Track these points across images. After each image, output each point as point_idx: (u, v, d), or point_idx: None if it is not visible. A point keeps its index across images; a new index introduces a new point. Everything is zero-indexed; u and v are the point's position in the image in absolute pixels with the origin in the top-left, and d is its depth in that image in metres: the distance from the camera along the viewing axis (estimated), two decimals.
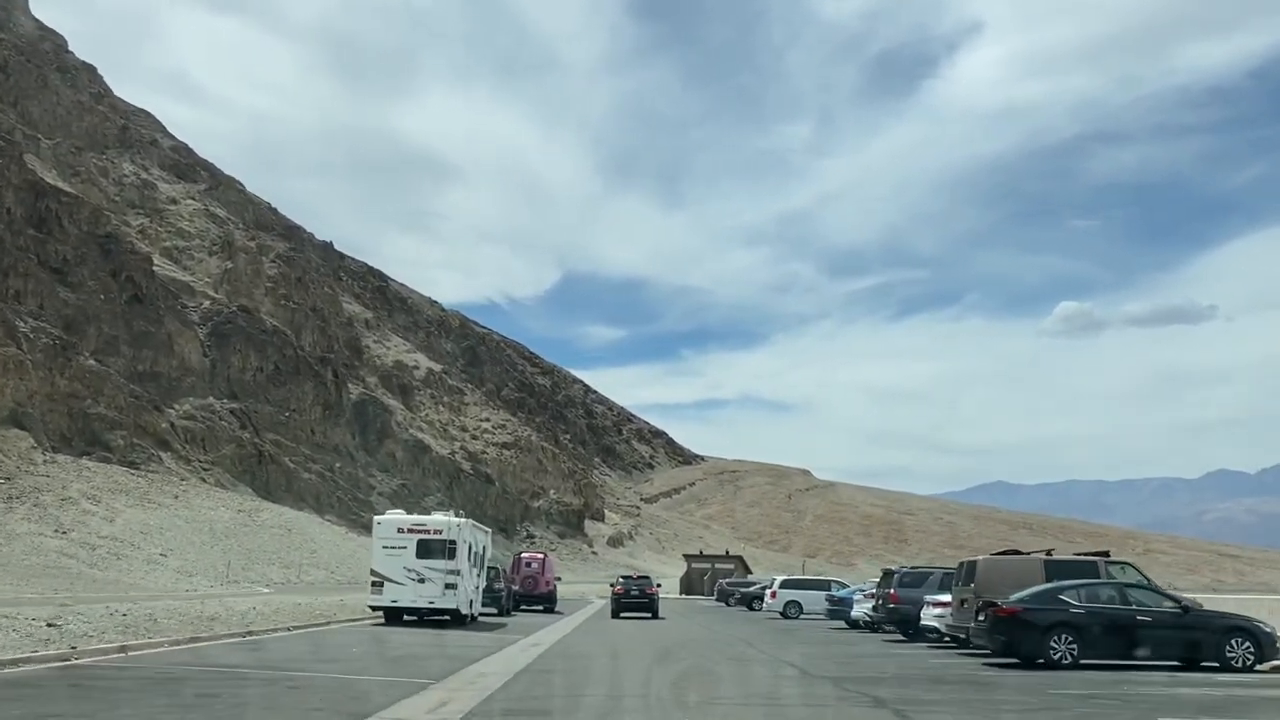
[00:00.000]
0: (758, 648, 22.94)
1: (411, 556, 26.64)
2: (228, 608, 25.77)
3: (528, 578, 38.68)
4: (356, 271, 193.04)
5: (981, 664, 18.69)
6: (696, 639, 26.78)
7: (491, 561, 39.01)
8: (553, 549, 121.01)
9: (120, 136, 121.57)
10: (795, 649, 22.52)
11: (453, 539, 26.91)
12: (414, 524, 27.77)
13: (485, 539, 33.06)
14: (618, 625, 31.80)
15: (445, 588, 26.46)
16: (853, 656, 21.05)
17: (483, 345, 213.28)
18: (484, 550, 32.06)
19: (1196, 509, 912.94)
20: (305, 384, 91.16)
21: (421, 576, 26.46)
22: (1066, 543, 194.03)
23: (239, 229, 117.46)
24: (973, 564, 22.61)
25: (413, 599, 26.63)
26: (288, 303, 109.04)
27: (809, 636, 28.24)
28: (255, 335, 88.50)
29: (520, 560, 40.71)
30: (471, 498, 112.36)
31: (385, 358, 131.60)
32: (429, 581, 26.44)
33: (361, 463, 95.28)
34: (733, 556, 71.58)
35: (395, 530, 27.34)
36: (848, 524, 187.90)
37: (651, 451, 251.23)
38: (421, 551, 26.69)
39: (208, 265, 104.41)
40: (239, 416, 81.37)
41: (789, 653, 21.32)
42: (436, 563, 26.55)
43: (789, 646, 23.23)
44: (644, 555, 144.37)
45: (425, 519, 28.87)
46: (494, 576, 34.35)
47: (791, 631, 31.34)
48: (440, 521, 27.90)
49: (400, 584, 26.54)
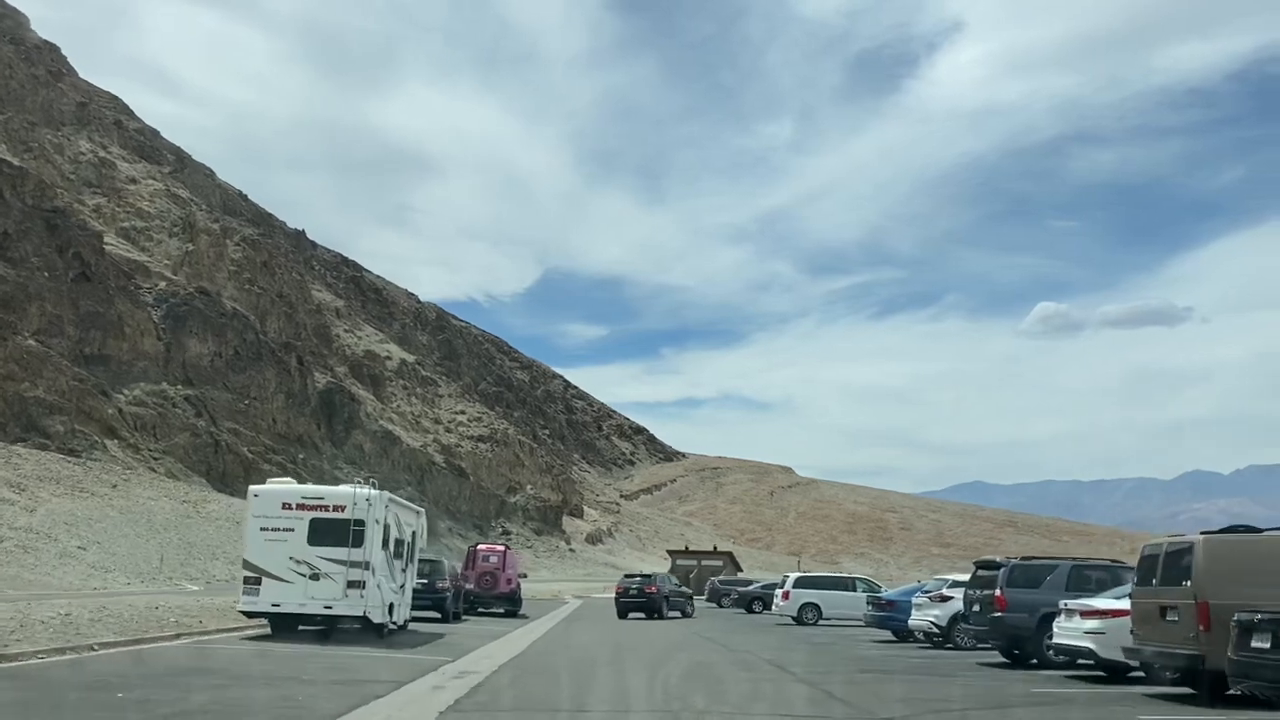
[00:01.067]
0: (814, 683, 15.01)
1: (301, 543, 19.50)
2: (78, 610, 19.59)
3: (485, 575, 32.75)
4: (330, 261, 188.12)
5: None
6: (707, 661, 19.02)
7: (434, 553, 33.66)
8: (529, 546, 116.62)
9: (78, 114, 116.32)
10: (867, 685, 15.05)
11: (360, 519, 19.67)
12: (306, 497, 20.41)
13: (417, 522, 25.01)
14: (593, 636, 25.88)
15: (349, 586, 19.32)
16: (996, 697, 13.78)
17: (460, 339, 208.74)
18: (414, 537, 24.13)
19: (1171, 510, 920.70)
20: (267, 371, 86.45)
21: (315, 571, 19.34)
22: (1052, 541, 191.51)
23: (202, 211, 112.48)
24: (1184, 549, 13.50)
25: (301, 602, 19.39)
26: (252, 287, 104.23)
27: (865, 658, 20.44)
28: (214, 319, 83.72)
29: (475, 554, 34.85)
30: (444, 492, 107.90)
31: (356, 347, 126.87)
32: (325, 578, 19.32)
33: (327, 454, 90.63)
34: (721, 552, 66.27)
35: (279, 505, 20.00)
36: (831, 521, 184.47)
37: (632, 448, 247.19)
38: (316, 536, 19.60)
39: (167, 246, 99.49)
40: (194, 404, 76.63)
41: (864, 694, 13.70)
42: (336, 551, 19.41)
43: (860, 682, 15.34)
44: (624, 553, 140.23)
45: (322, 491, 21.33)
46: (436, 572, 28.14)
47: (828, 648, 23.30)
48: (343, 495, 20.46)
49: (284, 581, 19.37)
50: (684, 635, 27.40)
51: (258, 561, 19.57)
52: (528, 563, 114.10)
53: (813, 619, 33.29)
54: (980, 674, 17.06)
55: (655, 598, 36.04)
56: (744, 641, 25.37)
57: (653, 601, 35.84)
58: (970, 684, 15.35)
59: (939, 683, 15.88)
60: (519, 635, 24.86)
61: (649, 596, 35.92)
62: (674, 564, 62.45)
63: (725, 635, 27.95)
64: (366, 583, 19.48)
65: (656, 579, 39.48)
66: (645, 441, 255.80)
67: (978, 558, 27.89)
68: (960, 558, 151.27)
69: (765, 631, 30.45)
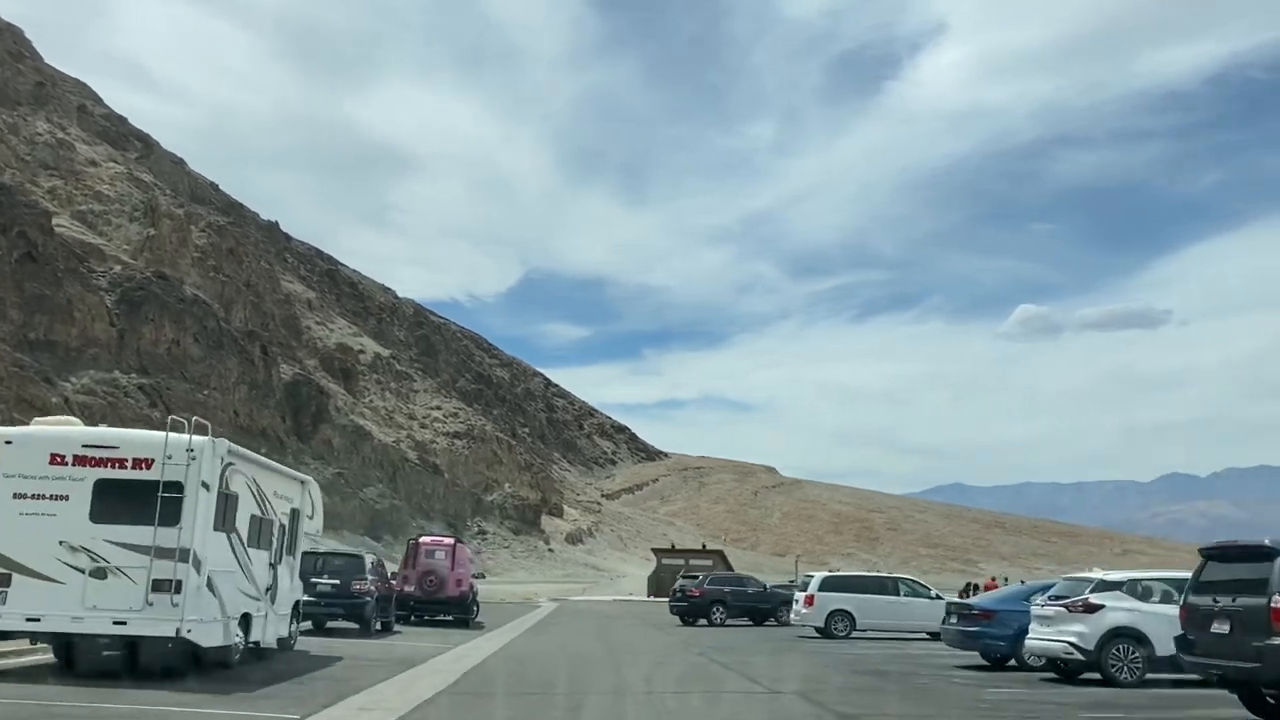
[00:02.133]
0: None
1: (80, 518, 12.66)
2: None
3: (428, 575, 26.59)
4: (304, 254, 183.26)
5: None
6: (741, 714, 12.78)
7: (337, 544, 29.68)
8: (506, 546, 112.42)
9: (35, 94, 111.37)
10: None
11: (175, 480, 12.68)
12: (90, 445, 13.07)
13: (300, 495, 17.61)
14: (560, 657, 19.40)
15: (154, 589, 12.37)
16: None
17: (438, 335, 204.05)
18: (293, 516, 17.04)
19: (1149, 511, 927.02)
20: (229, 360, 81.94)
21: (99, 564, 12.50)
22: (1041, 542, 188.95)
23: (166, 196, 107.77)
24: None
25: (76, 614, 12.38)
26: (217, 275, 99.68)
27: (1001, 704, 13.76)
28: (172, 305, 79.15)
29: (417, 549, 27.82)
30: (418, 490, 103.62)
31: (328, 340, 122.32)
32: (117, 575, 12.49)
33: (292, 449, 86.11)
34: (711, 551, 61.47)
35: (44, 459, 12.84)
36: (817, 521, 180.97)
37: (614, 447, 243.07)
38: (102, 507, 12.72)
39: (126, 231, 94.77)
40: (148, 393, 72.07)
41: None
42: (135, 533, 12.53)
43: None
44: (605, 553, 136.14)
45: (115, 435, 13.81)
46: (351, 571, 22.14)
47: (911, 683, 16.12)
48: (148, 442, 13.27)
49: (49, 580, 12.44)
50: (684, 656, 20.98)
51: (3, 549, 12.54)
52: (504, 563, 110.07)
53: (844, 630, 26.89)
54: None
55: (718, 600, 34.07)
56: (772, 669, 18.24)
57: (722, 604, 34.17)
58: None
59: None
60: (454, 657, 18.28)
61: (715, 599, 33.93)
62: (659, 563, 57.55)
63: (741, 656, 20.96)
64: (186, 582, 12.42)
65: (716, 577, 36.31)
66: (627, 441, 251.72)
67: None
68: (949, 558, 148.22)
69: (789, 649, 23.68)
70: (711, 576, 36.46)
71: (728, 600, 34.06)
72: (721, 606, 33.67)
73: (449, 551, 27.58)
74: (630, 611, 43.66)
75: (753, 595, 34.84)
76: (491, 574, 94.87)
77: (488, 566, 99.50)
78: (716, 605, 33.60)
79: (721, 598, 33.96)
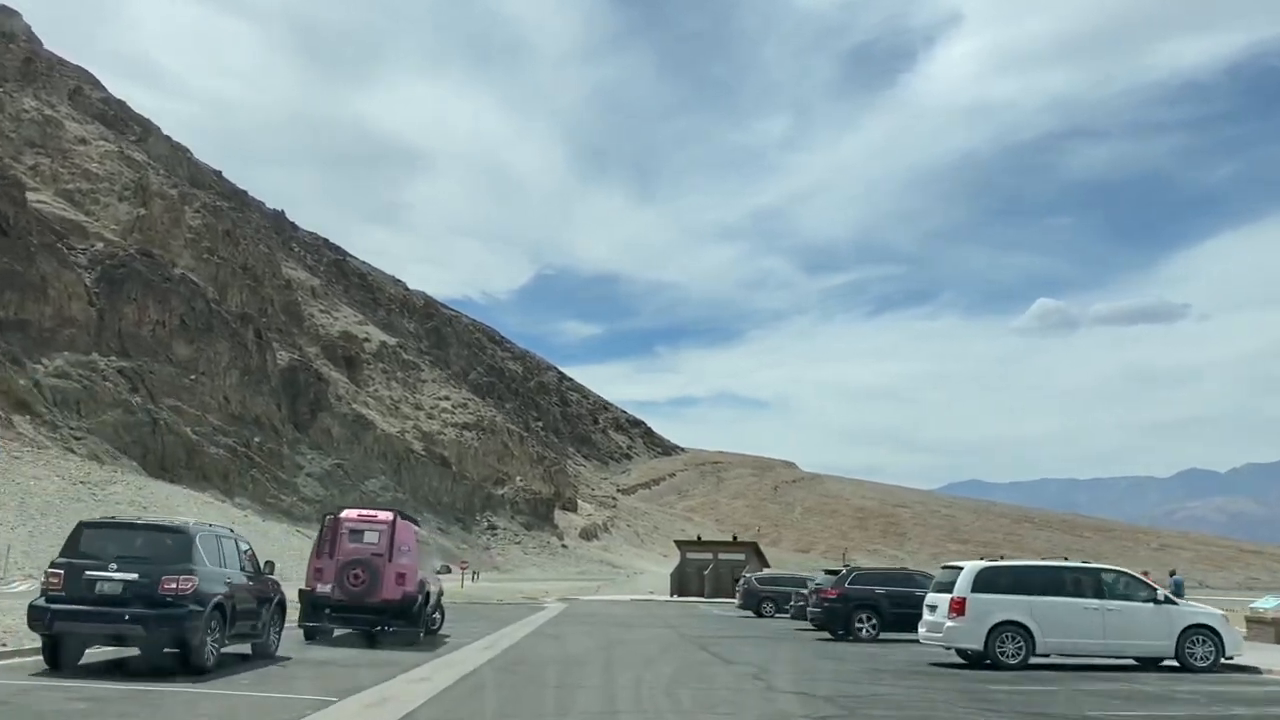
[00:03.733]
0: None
1: None
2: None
3: (352, 567, 17.54)
4: (310, 244, 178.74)
5: None
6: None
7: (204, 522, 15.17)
8: (517, 541, 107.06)
9: (23, 71, 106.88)
10: None
11: None
12: None
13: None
14: None
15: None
16: None
17: (449, 327, 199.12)
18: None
19: (1167, 508, 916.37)
20: (219, 343, 76.81)
21: None
22: (1074, 537, 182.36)
23: (159, 176, 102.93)
24: None
25: None
26: (211, 257, 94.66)
27: None
28: (157, 284, 74.09)
29: (337, 528, 18.20)
30: (424, 483, 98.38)
31: (331, 327, 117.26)
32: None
33: (288, 438, 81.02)
34: (743, 543, 54.09)
35: None
36: (840, 517, 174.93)
37: (629, 441, 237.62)
38: None
39: (115, 210, 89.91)
40: (129, 377, 67.04)
41: None
42: None
43: None
44: (621, 549, 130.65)
45: None
46: (165, 558, 12.23)
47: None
48: None
49: None
50: (751, 690, 13.19)
51: None
52: (515, 559, 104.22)
53: (1017, 655, 16.51)
54: None
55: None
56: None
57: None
58: None
59: None
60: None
61: None
62: (683, 558, 50.35)
63: (858, 703, 11.89)
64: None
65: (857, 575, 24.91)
66: (642, 435, 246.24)
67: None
68: (980, 554, 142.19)
69: (932, 679, 15.02)
70: (855, 572, 25.29)
71: (881, 605, 23.00)
72: (871, 615, 22.98)
73: (385, 533, 17.98)
74: (655, 615, 33.32)
75: (920, 600, 21.45)
76: (501, 571, 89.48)
77: (497, 563, 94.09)
78: (863, 613, 23.09)
79: (871, 601, 23.17)
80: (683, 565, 49.96)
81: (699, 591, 47.75)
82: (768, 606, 34.09)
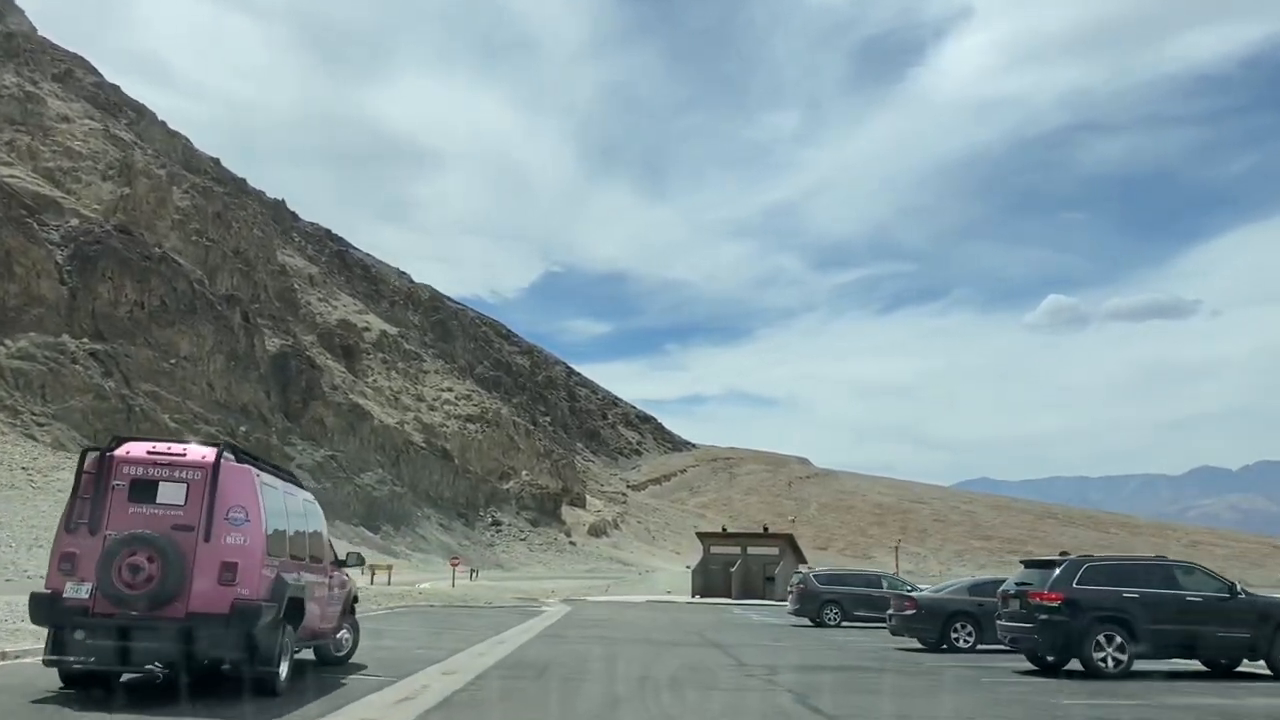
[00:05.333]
0: None
1: None
2: None
3: (128, 553, 8.69)
4: (312, 234, 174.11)
5: None
6: None
7: None
8: (523, 538, 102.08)
9: (4, 46, 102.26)
10: None
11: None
12: None
13: None
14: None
15: None
16: None
17: (455, 320, 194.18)
18: None
19: (1180, 505, 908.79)
20: (203, 326, 71.99)
21: None
22: (1101, 534, 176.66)
23: (148, 155, 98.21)
24: None
25: None
26: (200, 239, 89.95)
27: None
28: (135, 262, 69.29)
29: (104, 476, 9.00)
30: (424, 476, 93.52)
31: (329, 316, 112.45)
32: None
33: (278, 427, 76.16)
34: (775, 535, 45.37)
35: None
36: (858, 513, 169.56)
37: (639, 437, 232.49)
38: None
39: (98, 190, 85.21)
40: (102, 360, 62.27)
41: None
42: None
43: None
44: (631, 546, 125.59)
45: None
46: None
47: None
48: None
49: None
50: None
51: None
52: (520, 556, 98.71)
53: None
54: None
55: None
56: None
57: None
58: None
59: None
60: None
61: None
62: (707, 552, 43.40)
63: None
64: None
65: None
66: (653, 431, 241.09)
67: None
68: (1006, 552, 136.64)
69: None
70: (1085, 563, 15.16)
71: (1134, 621, 14.11)
72: (1123, 633, 14.01)
73: (199, 484, 9.18)
74: (682, 625, 25.72)
75: (1209, 609, 14.72)
76: (505, 569, 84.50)
77: (501, 560, 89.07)
78: (1105, 628, 14.09)
79: (1121, 613, 14.23)
80: (705, 561, 43.33)
81: (725, 591, 41.72)
82: (831, 613, 26.72)
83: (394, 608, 27.83)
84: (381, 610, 26.27)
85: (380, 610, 26.18)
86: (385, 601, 28.77)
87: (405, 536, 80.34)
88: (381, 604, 27.95)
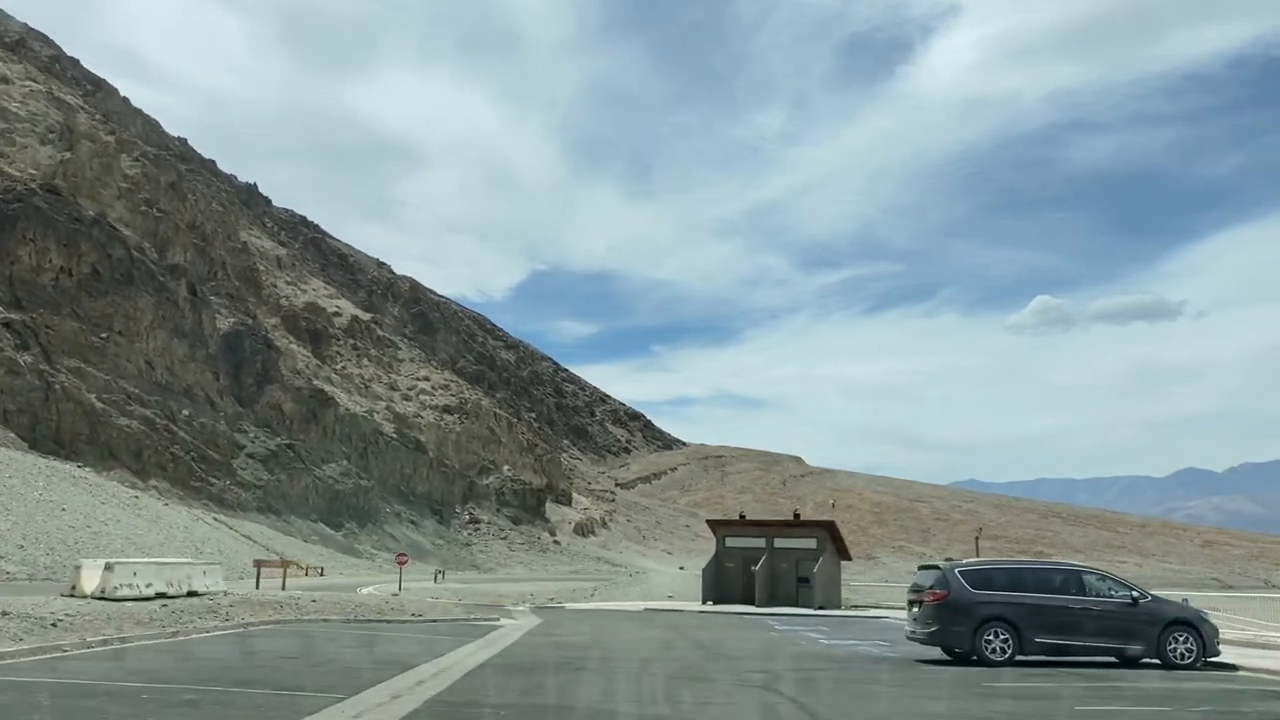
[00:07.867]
0: None
1: None
2: None
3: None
4: (285, 220, 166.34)
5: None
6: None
7: None
8: (503, 536, 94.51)
9: None
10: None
11: None
12: None
13: None
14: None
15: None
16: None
17: (436, 312, 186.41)
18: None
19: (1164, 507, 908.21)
20: (141, 298, 64.34)
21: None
22: (1112, 533, 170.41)
23: (95, 121, 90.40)
24: None
25: None
26: (150, 210, 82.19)
27: None
28: (62, 225, 61.62)
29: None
30: (395, 469, 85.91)
31: (296, 299, 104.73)
32: None
33: (226, 412, 68.49)
34: (811, 523, 34.73)
35: None
36: (857, 511, 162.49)
37: (628, 435, 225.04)
38: None
39: (35, 153, 77.39)
40: (18, 331, 54.63)
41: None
42: None
43: None
44: (620, 545, 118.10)
45: None
46: None
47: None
48: None
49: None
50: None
51: None
52: (499, 556, 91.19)
53: None
54: None
55: None
56: None
57: None
58: None
59: None
60: None
61: None
62: (721, 546, 34.28)
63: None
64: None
65: None
66: (642, 429, 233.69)
67: None
68: (1017, 552, 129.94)
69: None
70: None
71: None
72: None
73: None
74: (717, 656, 16.01)
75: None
76: (482, 570, 76.99)
77: (477, 561, 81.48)
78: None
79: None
80: (720, 557, 34.09)
81: (744, 595, 32.83)
82: (1000, 640, 15.18)
83: (256, 624, 19.11)
84: (231, 628, 18.25)
85: (228, 628, 18.17)
86: (261, 613, 20.46)
87: (371, 534, 72.75)
88: (248, 616, 19.67)
